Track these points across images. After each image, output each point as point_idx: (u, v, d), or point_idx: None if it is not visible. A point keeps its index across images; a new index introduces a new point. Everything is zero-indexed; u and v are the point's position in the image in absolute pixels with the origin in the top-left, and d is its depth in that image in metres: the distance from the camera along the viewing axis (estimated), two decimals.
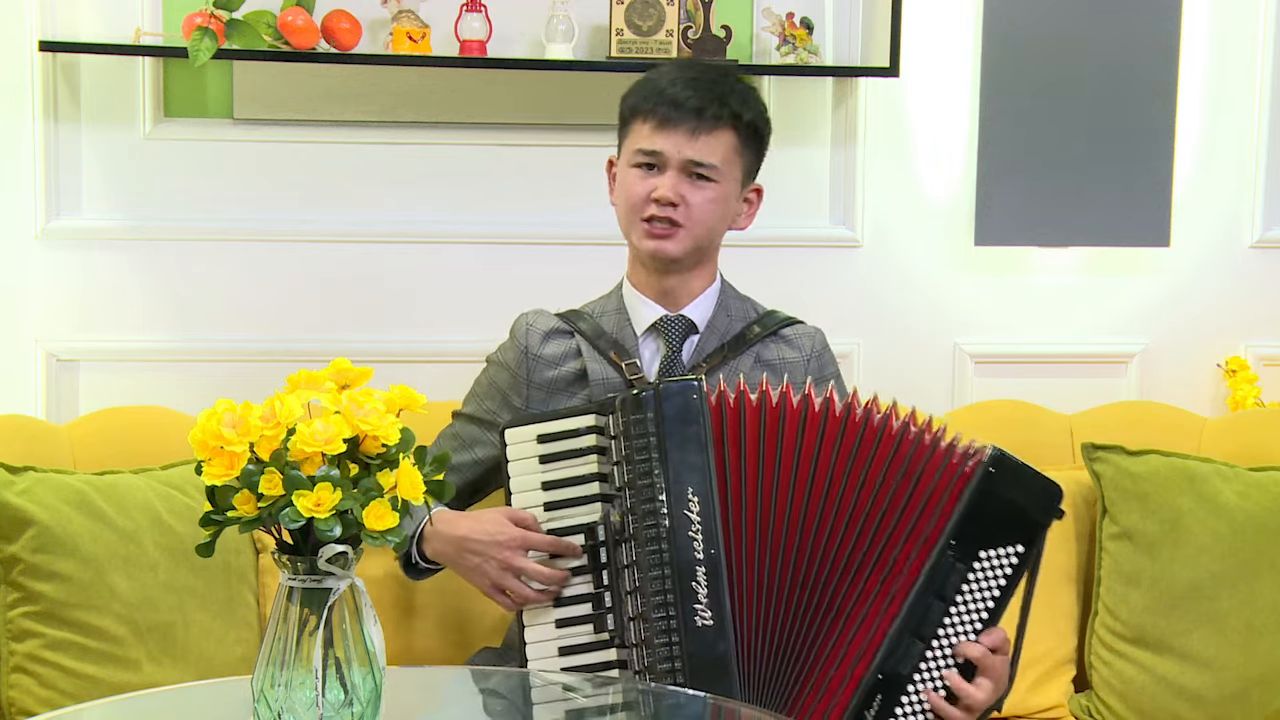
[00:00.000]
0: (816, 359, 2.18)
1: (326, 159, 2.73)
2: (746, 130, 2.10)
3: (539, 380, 2.14)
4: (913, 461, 1.86)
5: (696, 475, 1.85)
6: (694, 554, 1.84)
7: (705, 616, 1.83)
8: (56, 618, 2.15)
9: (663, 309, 2.14)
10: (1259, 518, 2.39)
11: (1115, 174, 2.84)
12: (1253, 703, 2.35)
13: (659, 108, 2.06)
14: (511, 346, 2.19)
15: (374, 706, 1.47)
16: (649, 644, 1.84)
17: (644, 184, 2.08)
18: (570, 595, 1.92)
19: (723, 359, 2.12)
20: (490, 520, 1.96)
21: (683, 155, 2.06)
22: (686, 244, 2.09)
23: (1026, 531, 1.86)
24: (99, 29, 2.62)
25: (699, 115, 2.05)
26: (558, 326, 2.17)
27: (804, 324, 2.22)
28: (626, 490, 1.88)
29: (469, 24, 2.63)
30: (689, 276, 2.14)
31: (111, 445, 2.43)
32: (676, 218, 2.07)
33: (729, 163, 2.09)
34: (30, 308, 2.67)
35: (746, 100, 2.11)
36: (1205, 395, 2.95)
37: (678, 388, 1.89)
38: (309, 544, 1.42)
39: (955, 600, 1.85)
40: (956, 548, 1.84)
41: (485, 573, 1.95)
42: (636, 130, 2.10)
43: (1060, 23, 2.81)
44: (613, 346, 2.13)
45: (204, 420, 1.41)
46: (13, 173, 2.63)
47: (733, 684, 1.83)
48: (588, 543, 1.92)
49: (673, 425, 1.87)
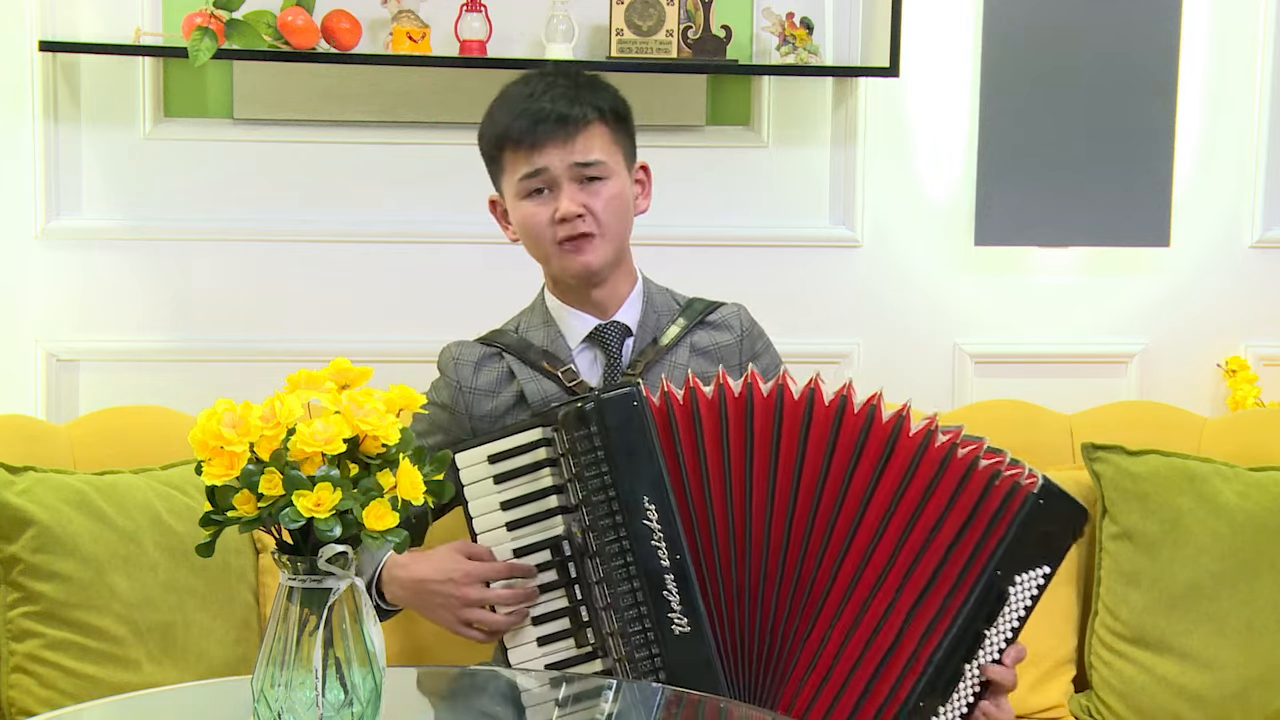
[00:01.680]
0: (747, 336, 2.15)
1: (326, 159, 2.73)
2: (612, 117, 2.06)
3: (479, 412, 2.10)
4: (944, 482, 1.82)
5: (649, 483, 1.83)
6: (659, 562, 1.82)
7: (681, 624, 1.82)
8: (56, 618, 2.15)
9: (595, 319, 2.10)
10: (1259, 518, 2.39)
11: (1115, 174, 2.84)
12: (1253, 703, 2.35)
13: (525, 128, 2.01)
14: (444, 385, 2.14)
15: (374, 706, 1.47)
16: (630, 659, 1.83)
17: (544, 209, 2.03)
18: (546, 612, 1.90)
19: (658, 355, 2.08)
20: (445, 558, 1.94)
21: (568, 162, 2.01)
22: (604, 251, 2.05)
23: (1056, 553, 1.86)
24: (99, 29, 2.62)
25: (565, 119, 2.01)
26: (485, 353, 2.12)
27: (727, 305, 2.18)
28: (583, 508, 1.86)
29: (469, 24, 2.63)
30: (614, 283, 2.10)
31: (111, 445, 2.43)
32: (587, 229, 2.02)
33: (610, 154, 2.05)
34: (30, 308, 2.67)
35: (598, 90, 2.07)
36: (1205, 395, 2.96)
37: (618, 397, 1.85)
38: (309, 544, 1.42)
39: (996, 623, 1.84)
40: (1002, 576, 1.83)
41: (450, 610, 1.93)
42: (510, 160, 2.04)
43: (1060, 22, 2.81)
44: (544, 358, 2.08)
45: (204, 420, 1.41)
46: (13, 173, 2.64)
47: (719, 686, 1.82)
48: (555, 557, 1.90)
49: (618, 436, 1.83)
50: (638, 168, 2.13)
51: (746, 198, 2.83)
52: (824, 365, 2.79)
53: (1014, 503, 1.82)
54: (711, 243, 2.81)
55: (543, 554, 1.91)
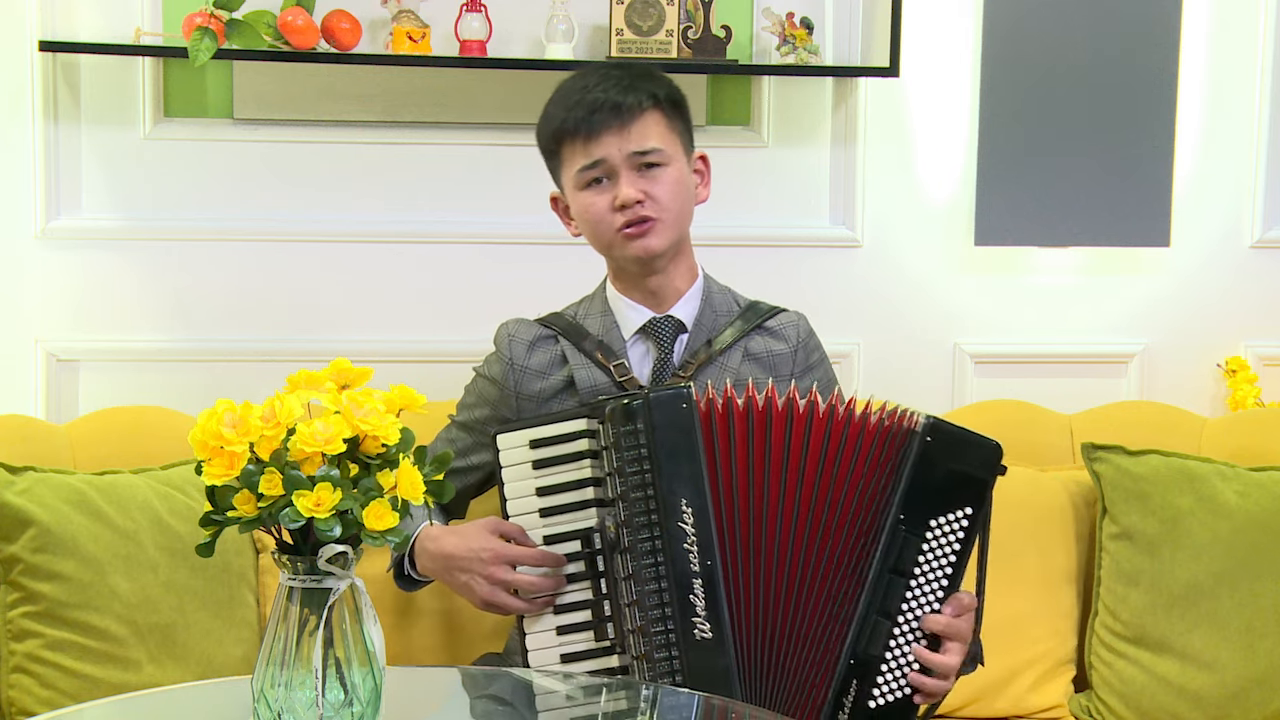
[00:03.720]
0: (803, 347, 2.16)
1: (326, 159, 2.73)
2: (668, 105, 2.07)
3: (527, 392, 2.12)
4: (849, 443, 1.86)
5: (689, 486, 1.84)
6: (690, 566, 1.83)
7: (704, 629, 1.83)
8: (56, 618, 2.15)
9: (650, 311, 2.12)
10: (1259, 518, 2.39)
11: (1115, 174, 2.84)
12: (1253, 703, 2.35)
13: (581, 119, 2.02)
14: (496, 360, 2.16)
15: (374, 706, 1.47)
16: (649, 658, 1.83)
17: (603, 198, 2.04)
18: (569, 602, 1.91)
19: (708, 357, 2.09)
20: (475, 536, 1.95)
21: (625, 151, 2.03)
22: (666, 235, 2.06)
23: (973, 493, 1.86)
24: (99, 29, 2.62)
25: (620, 108, 2.02)
26: (541, 334, 2.14)
27: (787, 311, 2.19)
28: (620, 503, 1.86)
29: (469, 24, 2.63)
30: (672, 274, 2.11)
31: (111, 445, 2.43)
32: (648, 213, 2.03)
33: (668, 141, 2.06)
34: (30, 308, 2.67)
35: (653, 78, 2.08)
36: (1205, 395, 2.95)
37: (668, 397, 1.86)
38: (309, 544, 1.43)
39: (914, 574, 1.85)
40: (907, 520, 1.84)
41: (474, 589, 1.94)
42: (569, 153, 2.06)
43: (1060, 23, 2.81)
44: (599, 348, 2.10)
45: (204, 420, 1.41)
46: (13, 173, 2.63)
47: (734, 693, 1.82)
48: (585, 549, 1.91)
49: (663, 436, 1.84)
50: (696, 157, 2.14)
51: (746, 198, 2.83)
52: None
53: (898, 444, 1.85)
54: (711, 243, 2.80)
55: (572, 544, 1.92)
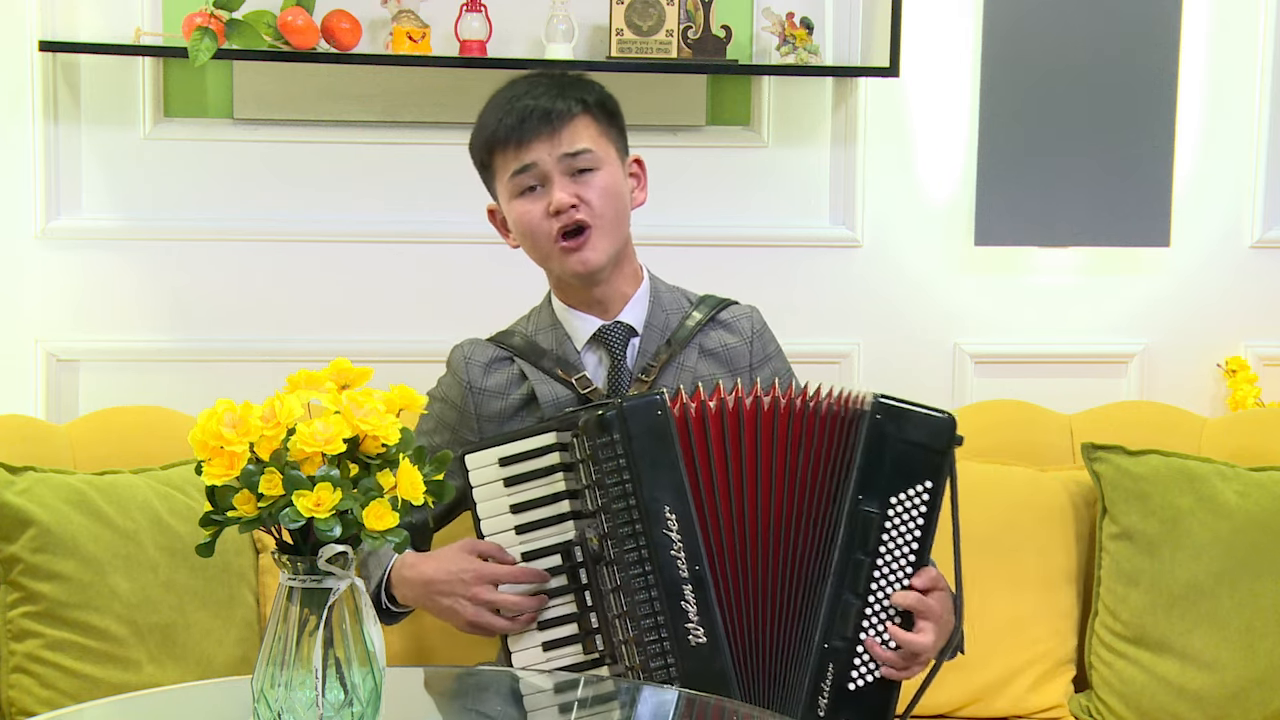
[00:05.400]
0: (758, 339, 2.14)
1: (326, 159, 2.73)
2: (598, 110, 2.05)
3: (487, 413, 2.08)
4: (808, 434, 1.86)
5: (671, 493, 1.82)
6: (679, 572, 1.82)
7: (698, 634, 1.82)
8: (56, 618, 2.15)
9: (598, 320, 2.08)
10: (1259, 518, 2.39)
11: (1115, 174, 2.84)
12: (1253, 703, 2.35)
13: (512, 127, 2.00)
14: (453, 382, 2.12)
15: (374, 706, 1.47)
16: (645, 668, 1.82)
17: (537, 206, 2.01)
18: (553, 617, 1.89)
19: (669, 356, 2.07)
20: (453, 558, 1.92)
21: (556, 154, 2.00)
22: (604, 245, 2.02)
23: (930, 466, 1.85)
24: (99, 29, 2.62)
25: (550, 114, 2.00)
26: (497, 355, 2.11)
27: (738, 304, 2.17)
28: (601, 515, 1.85)
29: (469, 24, 2.63)
30: (616, 282, 2.08)
31: (111, 445, 2.43)
32: (582, 218, 2.00)
33: (600, 144, 2.03)
34: (30, 308, 2.67)
35: (584, 85, 2.06)
36: (1205, 395, 2.96)
37: (642, 405, 1.84)
38: (309, 544, 1.42)
39: (879, 552, 1.84)
40: (865, 500, 1.84)
41: (458, 611, 1.91)
42: (500, 162, 2.03)
43: (1060, 22, 2.81)
44: (557, 363, 2.07)
45: (204, 420, 1.41)
46: (13, 173, 2.64)
47: (733, 696, 1.82)
48: (565, 563, 1.89)
49: (641, 445, 1.82)
50: (631, 161, 2.11)
51: (746, 198, 2.83)
52: (824, 365, 2.80)
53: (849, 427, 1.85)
54: (711, 243, 2.81)
55: (552, 559, 1.90)
